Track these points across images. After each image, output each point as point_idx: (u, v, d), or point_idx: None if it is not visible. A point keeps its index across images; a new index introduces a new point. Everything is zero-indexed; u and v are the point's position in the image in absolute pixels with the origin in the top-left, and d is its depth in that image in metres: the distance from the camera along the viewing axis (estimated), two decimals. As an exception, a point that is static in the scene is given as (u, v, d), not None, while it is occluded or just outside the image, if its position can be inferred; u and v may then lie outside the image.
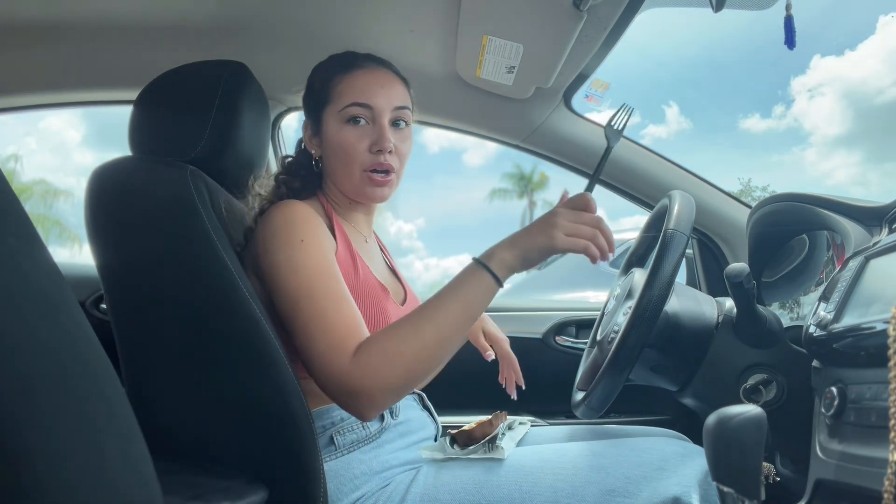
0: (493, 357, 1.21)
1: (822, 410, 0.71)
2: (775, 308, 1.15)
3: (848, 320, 0.71)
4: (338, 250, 0.95)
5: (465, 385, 1.51)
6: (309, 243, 0.88)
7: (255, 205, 0.99)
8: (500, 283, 0.82)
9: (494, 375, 1.73)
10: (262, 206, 0.98)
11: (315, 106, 1.03)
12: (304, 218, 0.91)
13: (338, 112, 0.98)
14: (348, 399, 0.79)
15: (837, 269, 0.86)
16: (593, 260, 0.83)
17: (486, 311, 1.74)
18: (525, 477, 0.86)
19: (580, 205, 0.85)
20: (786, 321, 0.99)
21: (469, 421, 1.00)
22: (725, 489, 0.53)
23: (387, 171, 0.98)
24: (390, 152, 0.98)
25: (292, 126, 1.87)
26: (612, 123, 1.43)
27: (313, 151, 1.04)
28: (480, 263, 0.82)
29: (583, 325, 1.75)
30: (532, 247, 0.82)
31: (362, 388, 0.77)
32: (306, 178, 1.05)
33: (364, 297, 0.94)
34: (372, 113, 0.98)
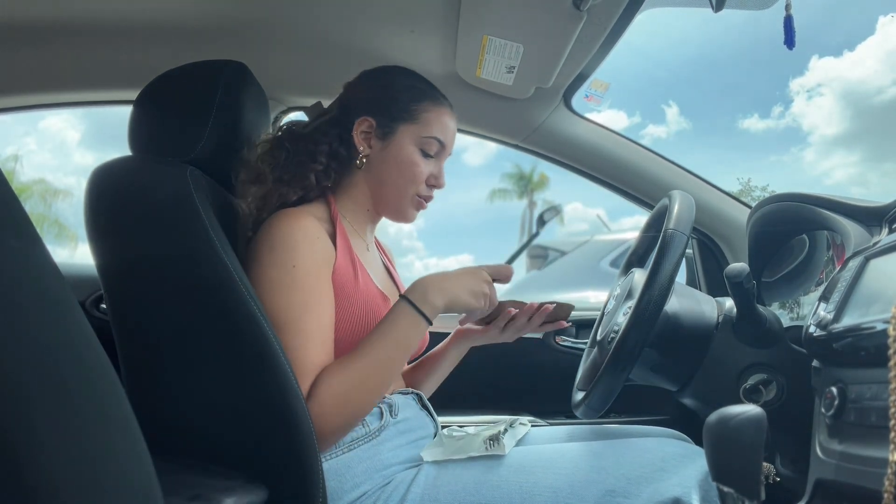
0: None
1: (822, 410, 0.71)
2: (775, 308, 1.15)
3: (848, 320, 0.71)
4: (337, 259, 0.95)
5: (463, 385, 1.51)
6: (300, 268, 0.88)
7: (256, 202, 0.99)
8: (430, 324, 0.91)
9: (493, 375, 1.73)
10: (272, 202, 0.98)
11: (392, 114, 1.04)
12: (303, 237, 0.91)
13: (419, 136, 1.04)
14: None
15: (837, 269, 0.86)
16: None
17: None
18: (525, 477, 0.86)
19: (502, 276, 0.98)
20: (786, 321, 0.99)
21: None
22: (725, 489, 0.53)
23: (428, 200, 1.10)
24: None
25: (292, 126, 1.86)
26: (543, 217, 1.79)
27: (362, 149, 1.04)
28: (414, 307, 0.90)
29: (583, 325, 1.75)
30: (460, 300, 0.93)
31: (316, 422, 0.82)
32: (338, 170, 1.05)
33: (363, 305, 0.95)
34: (442, 151, 1.07)
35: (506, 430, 0.97)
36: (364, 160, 1.04)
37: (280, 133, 1.06)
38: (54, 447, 0.37)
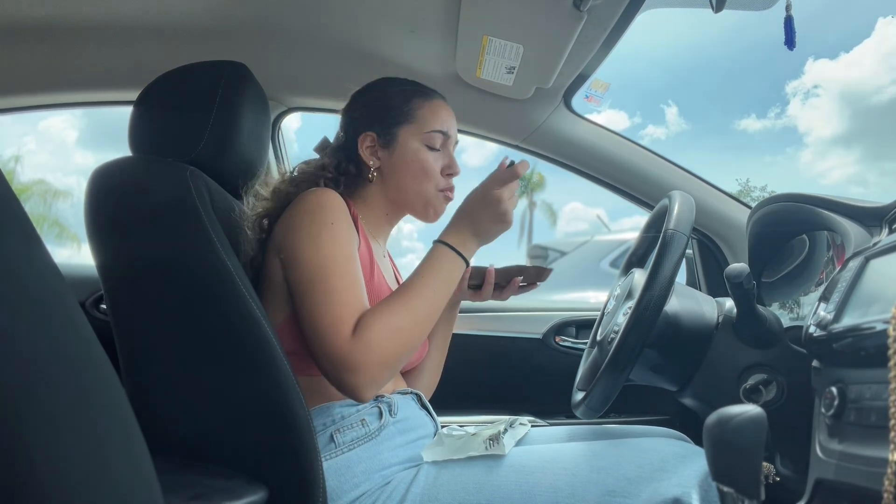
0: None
1: (822, 410, 0.71)
2: (775, 308, 1.15)
3: (848, 320, 0.71)
4: (360, 248, 0.97)
5: (463, 385, 1.51)
6: (337, 227, 0.91)
7: (263, 198, 1.00)
8: (468, 265, 0.95)
9: (494, 375, 1.73)
10: (289, 191, 1.00)
11: (390, 121, 1.06)
12: (338, 206, 0.94)
13: (421, 133, 1.06)
14: (349, 375, 0.81)
15: (837, 269, 0.86)
16: None
17: (487, 312, 1.75)
18: (525, 477, 0.86)
19: (515, 175, 0.95)
20: (786, 321, 0.99)
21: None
22: (725, 489, 0.53)
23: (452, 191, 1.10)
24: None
25: (292, 126, 1.87)
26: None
27: (371, 163, 1.06)
28: (454, 250, 0.94)
29: (583, 325, 1.75)
30: (492, 234, 0.96)
31: (363, 363, 0.81)
32: (348, 183, 1.07)
33: (375, 299, 0.95)
34: (446, 141, 1.08)
35: (506, 430, 0.97)
36: (375, 173, 1.07)
37: (295, 174, 1.08)
38: (55, 447, 0.37)
